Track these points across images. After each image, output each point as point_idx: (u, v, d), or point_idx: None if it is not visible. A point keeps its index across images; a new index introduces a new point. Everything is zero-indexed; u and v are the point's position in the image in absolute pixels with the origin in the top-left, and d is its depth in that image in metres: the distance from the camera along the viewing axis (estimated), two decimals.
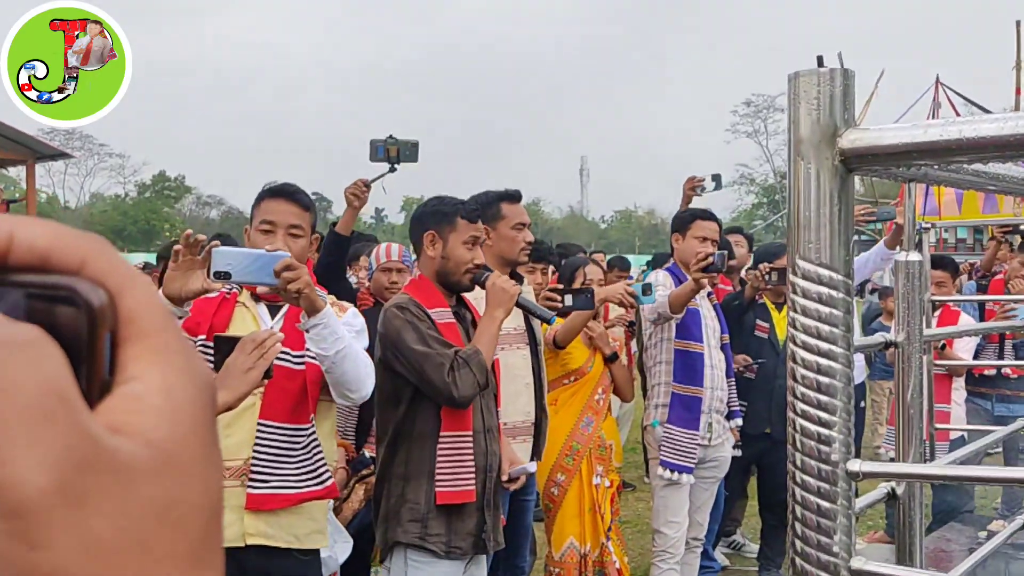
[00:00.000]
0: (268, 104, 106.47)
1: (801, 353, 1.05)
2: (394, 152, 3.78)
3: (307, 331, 2.50)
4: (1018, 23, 14.91)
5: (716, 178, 4.94)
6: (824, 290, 1.03)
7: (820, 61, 1.20)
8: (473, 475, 2.84)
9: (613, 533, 3.95)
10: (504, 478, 3.17)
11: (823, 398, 1.04)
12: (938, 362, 3.82)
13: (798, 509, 1.06)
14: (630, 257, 11.02)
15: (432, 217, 3.02)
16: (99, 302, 0.31)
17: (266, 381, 2.26)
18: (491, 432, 2.98)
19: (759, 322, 4.78)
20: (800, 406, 1.06)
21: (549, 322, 3.40)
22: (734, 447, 4.44)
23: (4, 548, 0.27)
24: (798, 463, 1.07)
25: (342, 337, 2.53)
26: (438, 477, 2.80)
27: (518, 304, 2.96)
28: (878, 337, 1.47)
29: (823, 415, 1.04)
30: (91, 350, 0.31)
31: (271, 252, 2.39)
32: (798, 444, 1.06)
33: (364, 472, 3.61)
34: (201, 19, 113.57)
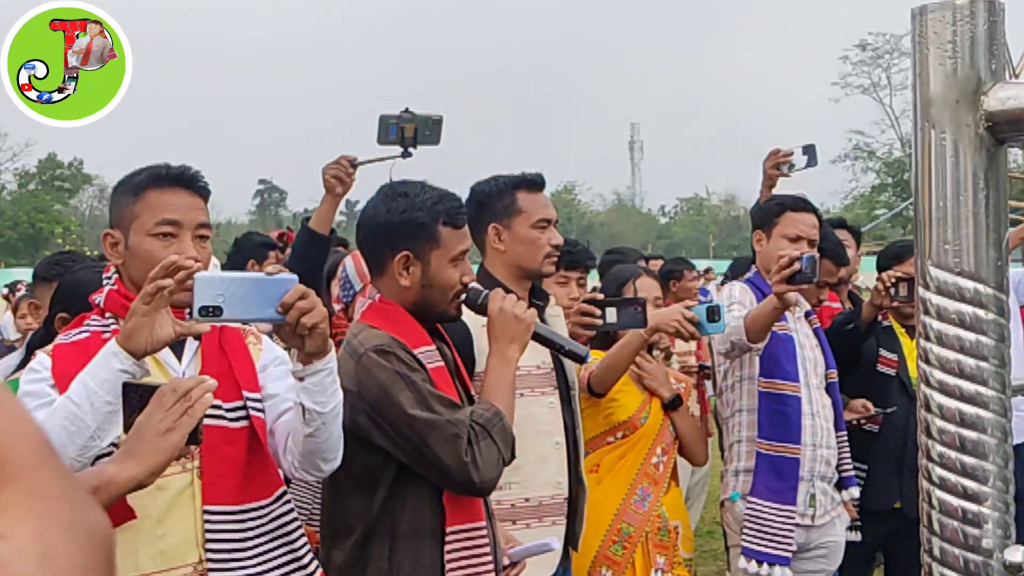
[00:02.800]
0: (198, 65, 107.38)
1: (937, 398, 1.05)
2: (410, 132, 3.75)
3: (302, 379, 2.45)
4: None
5: (809, 150, 4.92)
6: (968, 309, 1.03)
7: None
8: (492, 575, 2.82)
9: None
10: (505, 557, 3.09)
11: (969, 461, 1.04)
12: None
13: None
14: (700, 263, 11.01)
15: (404, 230, 2.88)
16: None
17: (194, 448, 2.21)
18: (493, 516, 2.96)
19: (883, 353, 4.75)
20: (937, 472, 1.06)
21: (583, 360, 3.33)
22: (849, 528, 4.41)
23: None
24: (936, 552, 1.07)
25: (339, 388, 2.52)
26: None
27: (536, 337, 2.93)
28: None
29: (969, 484, 1.04)
30: None
31: (273, 276, 2.37)
32: (935, 526, 1.06)
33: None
34: None
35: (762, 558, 4.00)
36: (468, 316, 3.03)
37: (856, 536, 4.51)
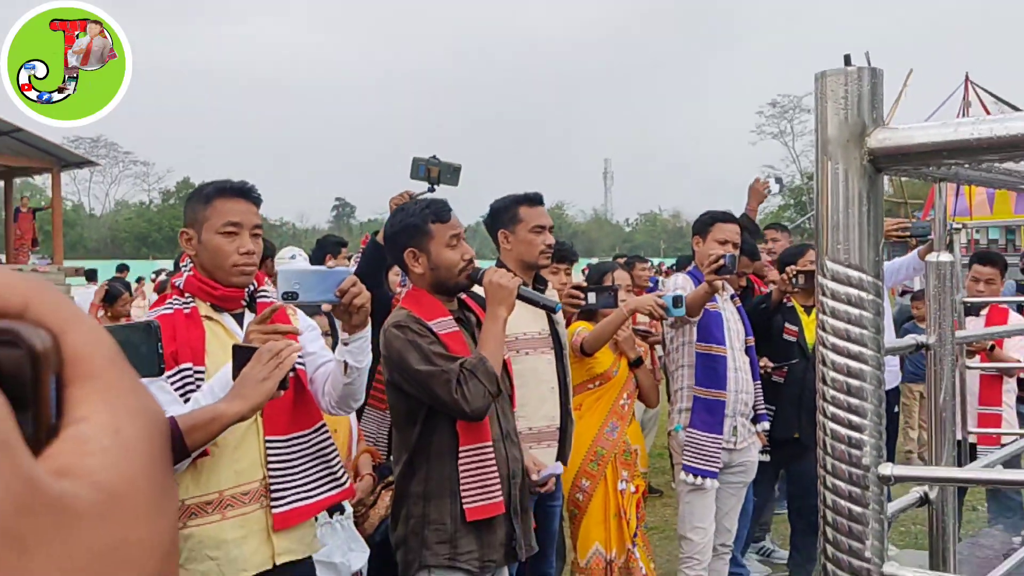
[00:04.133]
0: (291, 109, 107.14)
1: (831, 356, 1.04)
2: (435, 173, 3.79)
3: (347, 344, 2.47)
4: None
5: (779, 180, 5.00)
6: (854, 292, 1.03)
7: (847, 60, 1.19)
8: (499, 485, 2.77)
9: (639, 539, 3.93)
10: (535, 478, 3.14)
11: (853, 401, 1.03)
12: (970, 365, 3.76)
13: (829, 514, 1.05)
14: (654, 260, 10.98)
15: (405, 234, 2.89)
16: (42, 345, 0.31)
17: (282, 392, 2.20)
18: (510, 437, 2.92)
19: (787, 325, 4.73)
20: (830, 409, 1.05)
21: (554, 310, 3.34)
22: (762, 452, 4.39)
23: None
24: (828, 467, 1.06)
25: (370, 350, 2.54)
26: (464, 493, 2.72)
27: (520, 296, 2.85)
28: (909, 339, 1.46)
29: (853, 418, 1.03)
30: (36, 393, 0.31)
31: (333, 269, 2.39)
32: (828, 448, 1.05)
33: (389, 479, 3.61)
34: (226, 27, 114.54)
35: (698, 472, 3.99)
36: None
37: (766, 457, 4.49)
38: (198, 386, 2.34)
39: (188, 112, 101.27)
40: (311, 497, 2.51)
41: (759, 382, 4.28)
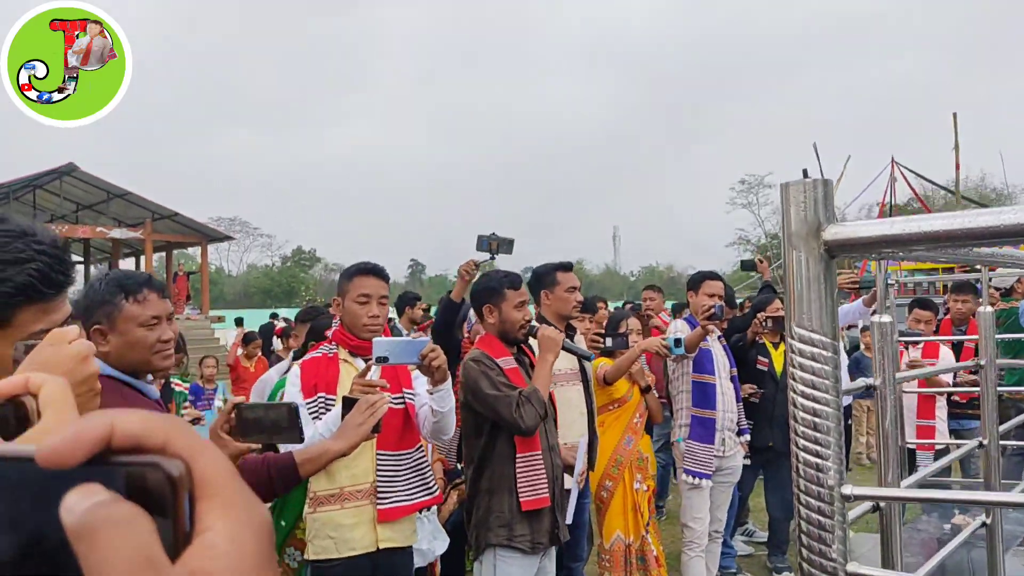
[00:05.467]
0: (378, 189, 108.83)
1: (800, 400, 1.04)
2: (495, 246, 3.84)
3: (432, 393, 2.51)
4: (954, 115, 14.71)
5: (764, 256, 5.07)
6: (817, 350, 1.02)
7: (805, 173, 1.21)
8: (546, 485, 2.78)
9: (651, 527, 3.86)
10: (571, 464, 3.11)
11: (819, 436, 1.03)
12: (907, 390, 3.69)
13: (803, 524, 1.04)
14: None
15: (486, 293, 2.95)
16: (178, 472, 0.32)
17: (375, 435, 2.18)
18: (554, 449, 2.92)
19: (760, 358, 4.66)
20: (801, 442, 1.04)
21: (589, 359, 3.37)
22: (745, 457, 4.32)
23: None
24: (801, 487, 1.04)
25: (452, 397, 2.57)
26: (519, 489, 2.74)
27: (564, 348, 2.91)
28: (860, 382, 1.45)
29: (820, 449, 1.02)
30: (174, 508, 0.32)
31: (417, 339, 2.42)
32: (801, 472, 1.04)
33: (457, 481, 3.61)
34: (330, 128, 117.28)
35: (696, 475, 3.93)
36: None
37: (748, 461, 4.42)
38: (328, 409, 2.42)
39: (302, 195, 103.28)
40: (409, 500, 2.54)
41: (741, 403, 4.22)
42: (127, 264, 24.60)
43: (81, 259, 23.70)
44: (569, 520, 3.03)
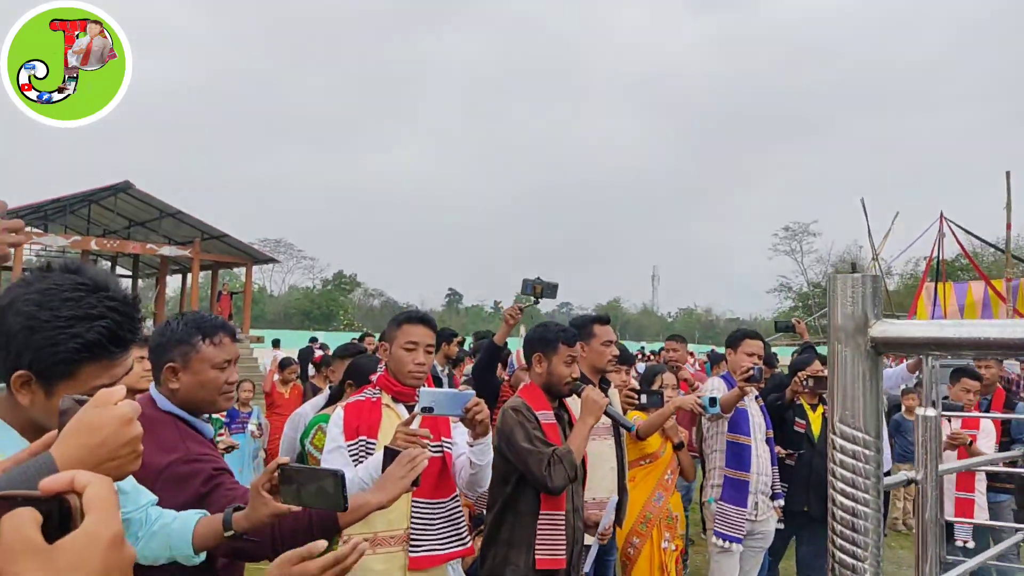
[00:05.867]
0: (415, 218, 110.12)
1: (839, 498, 1.01)
2: (539, 290, 3.88)
3: (472, 446, 2.51)
4: (1008, 173, 14.42)
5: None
6: (859, 448, 1.00)
7: (853, 267, 1.21)
8: (564, 546, 2.75)
9: None
10: (600, 527, 3.06)
11: (857, 536, 1.00)
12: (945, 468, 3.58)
13: None
14: (691, 347, 10.74)
15: (539, 342, 2.96)
16: (76, 503, 0.59)
17: (414, 487, 2.16)
18: (578, 512, 2.88)
19: (797, 419, 4.56)
20: (838, 541, 1.01)
21: (630, 430, 3.33)
22: (778, 522, 4.21)
23: None
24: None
25: (491, 451, 2.56)
26: (537, 546, 2.71)
27: (606, 414, 2.89)
28: (901, 476, 1.42)
29: (857, 550, 1.00)
30: (71, 521, 0.58)
31: (462, 392, 2.42)
32: (836, 572, 1.02)
33: (481, 528, 3.58)
34: (373, 154, 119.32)
35: (726, 538, 3.84)
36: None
37: (781, 525, 4.31)
38: (368, 453, 2.43)
39: (346, 220, 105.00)
40: (441, 549, 2.52)
41: (776, 466, 4.13)
42: (175, 281, 25.18)
43: (130, 273, 24.33)
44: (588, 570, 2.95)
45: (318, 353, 9.39)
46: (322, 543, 1.28)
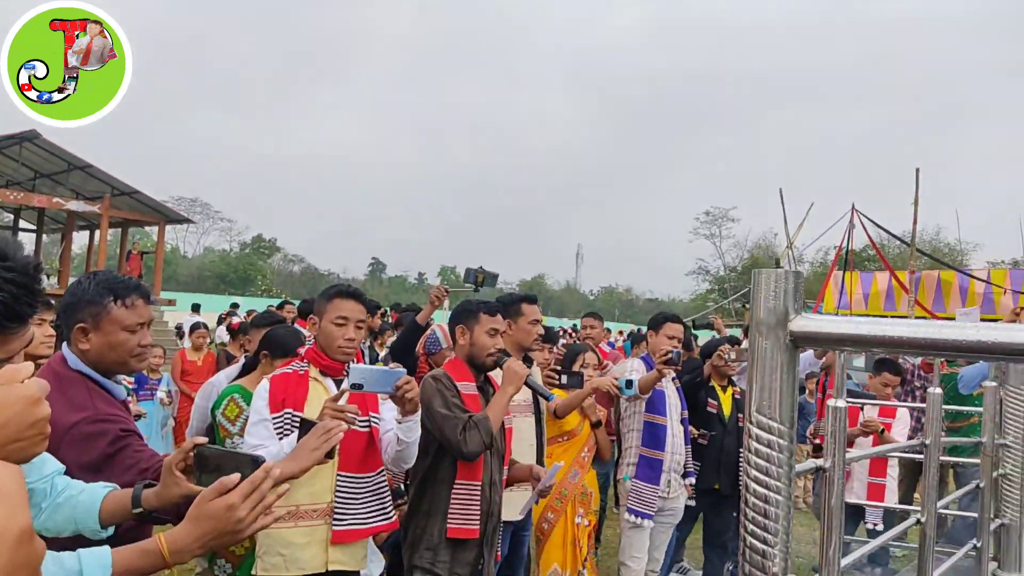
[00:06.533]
0: (342, 187, 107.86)
1: (753, 485, 1.04)
2: (481, 279, 3.94)
3: (400, 423, 2.50)
4: (917, 170, 15.16)
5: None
6: (774, 438, 1.03)
7: (777, 263, 1.23)
8: (479, 517, 2.77)
9: (588, 562, 3.87)
10: (540, 487, 3.11)
11: (768, 523, 1.03)
12: (853, 454, 3.78)
13: None
14: (610, 324, 10.93)
15: (462, 315, 2.98)
16: None
17: (329, 460, 2.16)
18: (495, 485, 2.90)
19: (710, 400, 4.71)
20: (750, 527, 1.05)
21: (548, 399, 3.38)
22: (688, 499, 4.35)
23: None
24: (746, 571, 1.06)
25: (419, 428, 2.56)
26: (450, 515, 2.74)
27: (526, 384, 2.92)
28: (810, 464, 1.47)
29: (768, 536, 1.03)
30: None
31: (393, 370, 2.39)
32: (747, 556, 1.05)
33: (399, 501, 3.57)
34: (298, 121, 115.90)
35: (638, 514, 3.95)
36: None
37: (692, 503, 4.45)
38: (294, 426, 2.38)
39: (264, 184, 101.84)
40: (365, 523, 2.51)
41: (689, 446, 4.25)
42: (81, 238, 23.89)
43: (34, 228, 22.95)
44: (519, 516, 3.03)
45: (235, 320, 9.09)
46: (235, 476, 1.24)
